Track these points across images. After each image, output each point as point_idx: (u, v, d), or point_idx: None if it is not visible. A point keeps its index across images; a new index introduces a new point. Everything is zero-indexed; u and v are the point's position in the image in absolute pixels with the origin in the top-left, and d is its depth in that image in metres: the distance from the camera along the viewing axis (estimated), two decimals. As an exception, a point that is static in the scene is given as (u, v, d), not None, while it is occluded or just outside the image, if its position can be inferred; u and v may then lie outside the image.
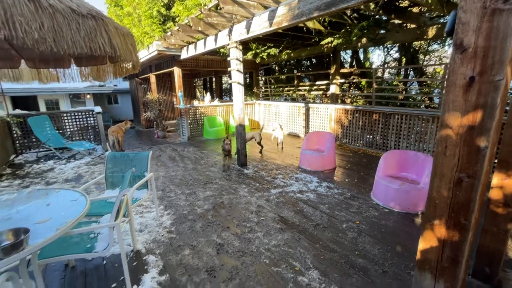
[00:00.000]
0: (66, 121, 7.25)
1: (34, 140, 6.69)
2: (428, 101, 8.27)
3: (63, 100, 14.22)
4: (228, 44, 4.86)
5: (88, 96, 15.04)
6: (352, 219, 3.07)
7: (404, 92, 8.30)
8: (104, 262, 2.41)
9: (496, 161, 2.22)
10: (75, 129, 7.37)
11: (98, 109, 7.36)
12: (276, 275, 2.18)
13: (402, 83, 8.92)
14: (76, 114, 7.32)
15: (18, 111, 6.77)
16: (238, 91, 4.96)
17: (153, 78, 10.07)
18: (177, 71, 8.12)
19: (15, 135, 6.46)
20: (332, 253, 2.46)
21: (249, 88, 11.32)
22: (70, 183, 4.56)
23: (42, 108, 13.61)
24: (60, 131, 7.05)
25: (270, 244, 2.61)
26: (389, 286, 2.04)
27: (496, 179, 1.92)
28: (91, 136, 7.52)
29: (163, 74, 10.66)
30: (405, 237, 2.69)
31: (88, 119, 7.41)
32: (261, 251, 2.50)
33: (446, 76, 0.96)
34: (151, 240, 2.73)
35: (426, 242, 1.10)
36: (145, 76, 10.70)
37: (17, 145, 6.60)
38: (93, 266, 2.37)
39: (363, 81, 9.41)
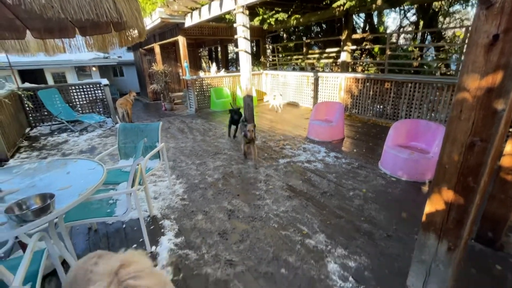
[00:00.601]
0: (74, 94, 7.30)
1: (46, 113, 6.83)
2: (444, 68, 7.87)
3: (70, 73, 14.16)
4: (234, 9, 4.62)
5: (94, 68, 14.91)
6: (359, 187, 3.14)
7: (419, 59, 7.89)
8: (124, 226, 2.59)
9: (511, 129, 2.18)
10: (84, 102, 7.45)
11: (105, 81, 7.34)
12: (284, 238, 2.31)
13: (417, 49, 8.44)
14: (84, 86, 7.34)
15: (27, 85, 6.83)
16: (245, 60, 4.82)
17: (157, 49, 9.82)
18: (181, 40, 7.87)
19: (27, 109, 6.59)
20: (338, 218, 2.56)
21: (256, 58, 10.96)
22: (85, 154, 4.73)
23: (50, 81, 13.64)
24: (70, 104, 7.14)
25: (278, 210, 2.73)
26: (392, 248, 2.14)
27: (510, 146, 1.89)
28: (100, 109, 7.60)
29: (168, 44, 10.35)
30: (411, 205, 2.76)
31: (96, 91, 7.44)
32: (270, 216, 2.62)
33: (468, 37, 0.91)
34: (166, 207, 2.88)
35: (432, 205, 1.13)
36: (149, 46, 10.43)
37: (30, 118, 6.76)
38: (114, 230, 2.55)
39: (376, 48, 8.93)
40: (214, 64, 9.22)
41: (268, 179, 3.41)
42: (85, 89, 7.35)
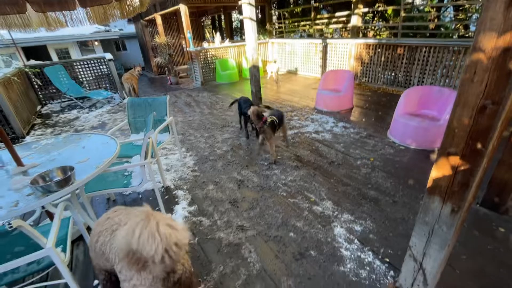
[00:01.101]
0: (80, 70, 7.28)
1: (54, 90, 6.89)
2: (463, 30, 7.34)
3: (73, 48, 13.98)
4: (237, -28, 4.33)
5: (96, 43, 14.62)
6: (366, 156, 3.15)
7: (436, 20, 7.36)
8: (140, 196, 2.74)
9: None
10: (91, 78, 7.44)
11: (109, 55, 7.25)
12: (292, 205, 2.40)
13: (435, 9, 7.84)
14: (88, 62, 7.28)
15: (33, 62, 6.82)
16: (250, 29, 4.62)
17: (159, 19, 9.47)
18: (183, 9, 7.54)
19: (36, 86, 6.65)
20: (345, 186, 2.62)
21: (262, 25, 10.46)
22: (96, 130, 4.85)
23: (54, 57, 13.55)
24: (76, 81, 7.16)
25: (286, 179, 2.80)
26: (397, 213, 2.21)
27: (525, 110, 1.84)
28: (107, 85, 7.61)
29: (169, 14, 9.93)
30: (418, 172, 2.78)
31: (101, 67, 7.38)
32: (279, 185, 2.71)
33: (488, -9, 0.86)
34: (178, 178, 3.00)
35: (439, 170, 1.15)
36: (150, 17, 10.05)
37: (40, 96, 6.85)
38: (131, 200, 2.70)
39: (390, 9, 8.33)
40: (218, 33, 8.88)
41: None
42: (90, 65, 7.30)
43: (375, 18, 9.84)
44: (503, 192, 2.10)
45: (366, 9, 6.82)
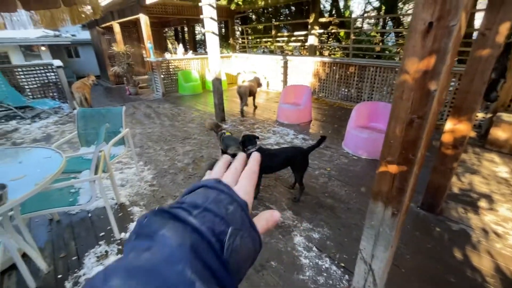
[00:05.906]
0: (22, 77, 6.54)
1: (-12, 99, 6.06)
2: (403, 53, 8.37)
3: (14, 53, 12.54)
4: (199, -13, 4.40)
5: (43, 48, 13.35)
6: (324, 166, 3.33)
7: (381, 44, 8.28)
8: (90, 215, 2.50)
9: (449, 106, 2.44)
10: (35, 86, 6.72)
11: (58, 62, 6.67)
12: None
13: (379, 34, 8.83)
14: (32, 68, 6.59)
15: (-39, 66, 5.96)
16: (212, 42, 4.68)
17: (117, 27, 9.06)
18: (143, 19, 7.35)
19: (-36, 94, 5.78)
20: (304, 195, 2.72)
21: (225, 40, 10.66)
22: (40, 143, 4.36)
23: (-10, 62, 12.01)
24: (17, 88, 6.40)
25: (248, 191, 2.81)
26: (351, 219, 2.36)
27: (449, 124, 2.14)
28: (55, 94, 6.94)
29: (129, 22, 9.57)
30: (369, 180, 3.01)
31: (48, 74, 6.73)
32: (241, 197, 2.70)
33: (410, 23, 1.01)
34: (134, 193, 2.82)
35: (381, 177, 1.27)
36: (107, 24, 9.56)
37: (-31, 104, 5.96)
38: (79, 219, 2.45)
39: (342, 32, 9.17)
40: (180, 45, 8.79)
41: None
42: (34, 71, 6.61)
43: (330, 39, 10.72)
44: (437, 195, 2.38)
45: (321, 30, 7.40)
